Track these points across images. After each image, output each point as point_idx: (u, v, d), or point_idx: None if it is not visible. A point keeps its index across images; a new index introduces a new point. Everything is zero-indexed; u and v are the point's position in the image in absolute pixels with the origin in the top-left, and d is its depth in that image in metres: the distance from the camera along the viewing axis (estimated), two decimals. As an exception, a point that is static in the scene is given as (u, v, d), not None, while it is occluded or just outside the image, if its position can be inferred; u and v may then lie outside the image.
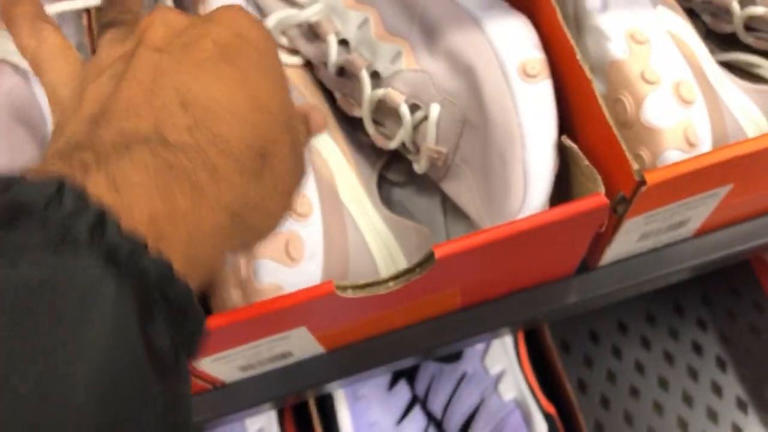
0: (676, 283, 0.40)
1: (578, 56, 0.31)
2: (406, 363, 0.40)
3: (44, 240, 0.16)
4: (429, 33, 0.34)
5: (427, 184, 0.40)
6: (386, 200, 0.39)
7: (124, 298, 0.16)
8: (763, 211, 0.39)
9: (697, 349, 0.61)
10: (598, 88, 0.34)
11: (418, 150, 0.36)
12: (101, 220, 0.17)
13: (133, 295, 0.16)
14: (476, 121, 0.33)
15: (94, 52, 0.35)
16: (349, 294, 0.30)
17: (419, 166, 0.36)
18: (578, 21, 0.36)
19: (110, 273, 0.16)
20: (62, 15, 0.37)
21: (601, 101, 0.31)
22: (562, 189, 0.34)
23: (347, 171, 0.37)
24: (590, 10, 0.35)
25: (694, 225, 0.37)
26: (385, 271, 0.35)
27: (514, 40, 0.32)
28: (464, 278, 0.34)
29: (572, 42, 0.32)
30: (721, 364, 0.60)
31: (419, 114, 0.34)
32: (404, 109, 0.34)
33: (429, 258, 0.29)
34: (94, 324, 0.15)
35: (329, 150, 0.37)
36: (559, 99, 0.34)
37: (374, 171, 0.39)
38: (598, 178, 0.31)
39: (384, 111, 0.36)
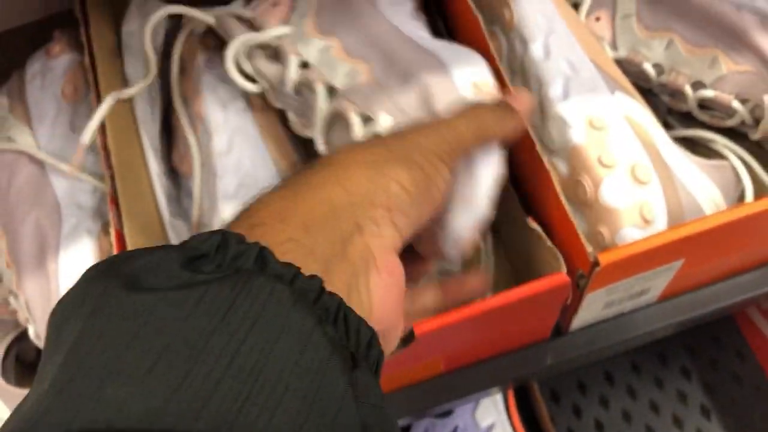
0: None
1: (537, 147, 0.35)
2: (394, 424, 0.43)
3: (221, 275, 0.20)
4: (388, 59, 0.37)
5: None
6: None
7: (299, 301, 0.19)
8: (723, 275, 0.42)
9: (682, 397, 0.63)
10: (561, 170, 0.38)
11: None
12: (262, 256, 0.20)
13: (303, 303, 0.20)
14: None
15: (107, 156, 0.39)
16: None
17: None
18: (542, 109, 0.39)
19: (280, 286, 0.20)
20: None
21: (558, 189, 0.34)
22: (530, 264, 0.37)
23: None
24: (553, 99, 0.39)
25: (655, 292, 0.39)
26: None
27: (467, 64, 0.35)
28: (444, 349, 0.37)
29: (532, 134, 0.35)
30: (706, 413, 0.62)
31: (371, 127, 0.35)
32: (354, 118, 0.35)
33: (410, 335, 0.33)
34: (283, 319, 0.19)
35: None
36: (524, 183, 0.38)
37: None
38: (560, 257, 0.34)
39: (336, 130, 0.37)
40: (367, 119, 0.35)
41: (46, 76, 0.45)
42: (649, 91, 0.45)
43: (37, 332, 0.39)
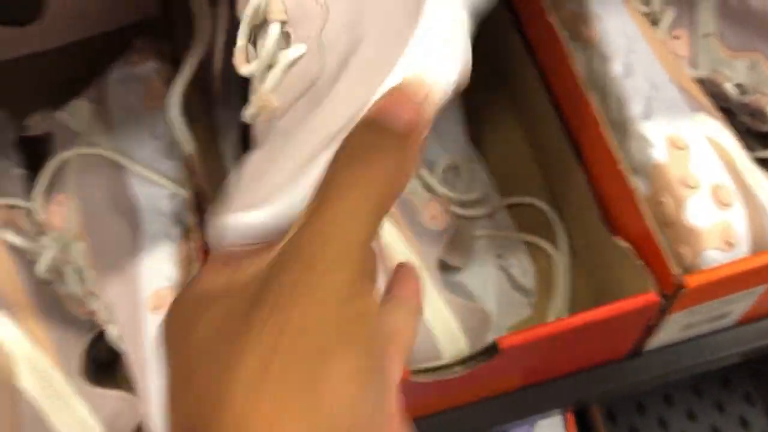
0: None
1: (621, 166, 0.35)
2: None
3: None
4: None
5: (485, 264, 0.43)
6: (446, 283, 0.42)
7: None
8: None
9: (744, 424, 0.62)
10: (642, 188, 0.38)
11: None
12: None
13: None
14: (324, 91, 0.25)
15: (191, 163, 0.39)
16: (420, 378, 0.33)
17: (246, 113, 0.29)
18: (623, 126, 0.39)
19: None
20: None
21: (643, 209, 0.34)
22: (613, 284, 0.37)
23: (409, 255, 0.41)
24: (634, 117, 0.38)
25: (735, 316, 0.39)
26: (447, 352, 0.38)
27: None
28: (526, 364, 0.37)
29: (615, 153, 0.35)
30: (770, 440, 0.61)
31: (285, 56, 0.27)
32: (274, 29, 0.27)
33: (493, 347, 0.33)
34: None
35: (391, 236, 0.41)
36: (607, 200, 0.37)
37: (435, 255, 0.42)
38: (649, 276, 0.34)
39: (262, 34, 0.28)
40: (287, 37, 0.27)
41: (128, 83, 0.46)
42: (727, 110, 0.44)
43: (119, 334, 0.40)
